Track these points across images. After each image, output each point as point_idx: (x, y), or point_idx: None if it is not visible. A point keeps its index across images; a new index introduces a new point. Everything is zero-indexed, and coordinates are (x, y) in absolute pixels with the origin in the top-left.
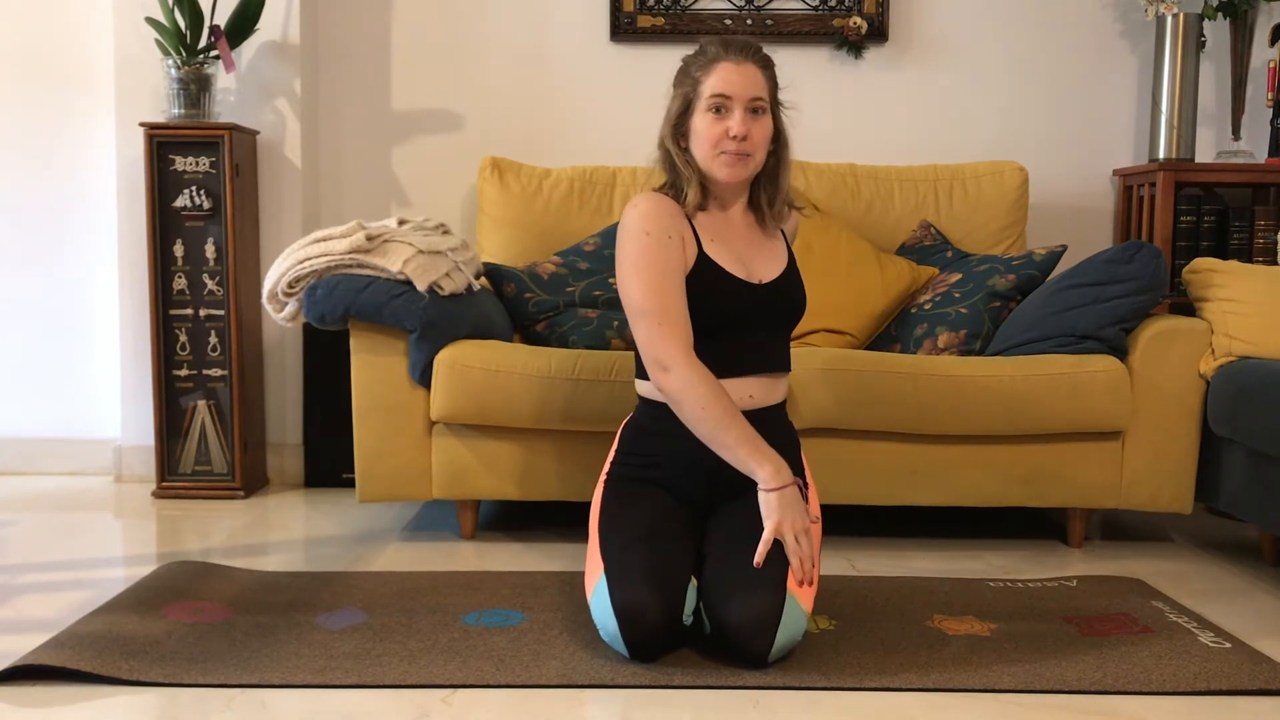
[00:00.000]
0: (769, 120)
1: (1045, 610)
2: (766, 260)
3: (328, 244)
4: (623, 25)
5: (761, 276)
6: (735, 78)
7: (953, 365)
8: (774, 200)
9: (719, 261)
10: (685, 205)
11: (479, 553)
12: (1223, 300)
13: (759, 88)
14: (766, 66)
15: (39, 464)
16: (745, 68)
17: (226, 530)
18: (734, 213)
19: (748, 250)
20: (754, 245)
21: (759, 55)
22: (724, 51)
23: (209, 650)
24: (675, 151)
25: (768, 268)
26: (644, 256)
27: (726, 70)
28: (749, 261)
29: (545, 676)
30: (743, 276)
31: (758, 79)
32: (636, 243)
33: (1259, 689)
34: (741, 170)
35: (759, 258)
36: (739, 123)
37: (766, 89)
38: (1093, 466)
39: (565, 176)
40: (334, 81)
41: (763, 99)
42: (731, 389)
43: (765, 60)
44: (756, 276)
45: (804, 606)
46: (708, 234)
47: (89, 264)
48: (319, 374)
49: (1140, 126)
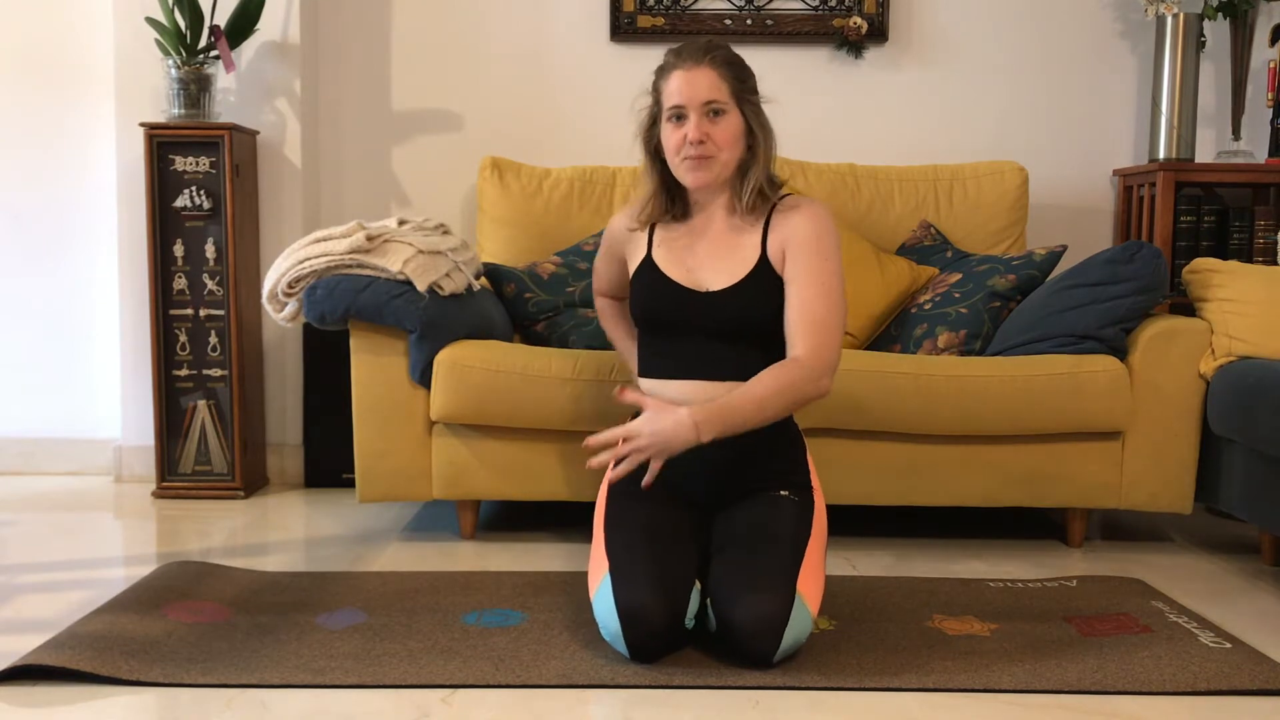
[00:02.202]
0: (732, 119)
1: (1045, 610)
2: (725, 269)
3: (328, 244)
4: (623, 25)
5: (709, 285)
6: (686, 85)
7: (953, 365)
8: (744, 194)
9: (661, 265)
10: (643, 217)
11: (479, 553)
12: (1223, 300)
13: (713, 90)
14: (725, 65)
15: (39, 464)
16: (697, 72)
17: (226, 530)
18: (715, 215)
19: (707, 258)
20: (718, 253)
21: (715, 56)
22: (677, 59)
23: (209, 650)
24: (647, 164)
25: (720, 277)
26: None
27: (678, 79)
28: (699, 269)
29: (545, 676)
30: (682, 281)
31: (711, 80)
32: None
33: (1259, 689)
34: (707, 173)
35: (715, 266)
36: (694, 128)
37: (726, 88)
38: (1093, 466)
39: (565, 176)
40: (334, 81)
41: (719, 100)
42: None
43: (724, 59)
44: (703, 285)
45: (810, 607)
46: (662, 239)
47: (89, 264)
48: (319, 374)
49: (1140, 126)
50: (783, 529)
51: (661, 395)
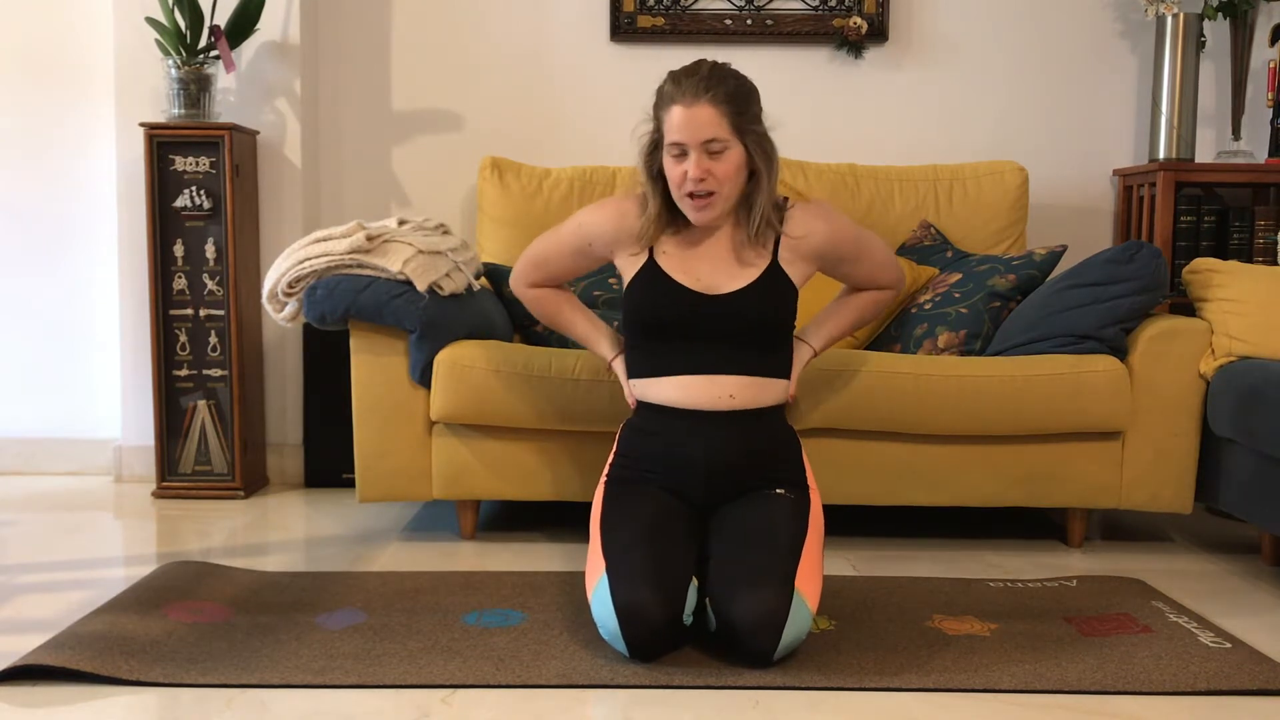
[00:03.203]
0: (733, 154)
1: (1045, 610)
2: (734, 273)
3: (328, 244)
4: (623, 25)
5: (718, 288)
6: (686, 124)
7: (953, 365)
8: (752, 225)
9: (667, 269)
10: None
11: (479, 553)
12: (1223, 300)
13: (713, 128)
14: (725, 102)
15: (39, 464)
16: (696, 110)
17: (226, 530)
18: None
19: (714, 263)
20: (725, 258)
21: (714, 91)
22: (677, 92)
23: (209, 650)
24: (649, 187)
25: (730, 281)
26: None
27: (678, 116)
28: (706, 274)
29: (545, 676)
30: (690, 285)
31: (710, 119)
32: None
33: (1259, 689)
34: (710, 212)
35: (723, 270)
36: (694, 165)
37: (726, 125)
38: (1093, 466)
39: (565, 176)
40: (334, 81)
41: (719, 139)
42: (674, 387)
43: (724, 95)
44: (712, 288)
45: (809, 604)
46: (666, 245)
47: (89, 264)
48: (319, 374)
49: (1140, 126)
50: (780, 526)
51: (657, 394)
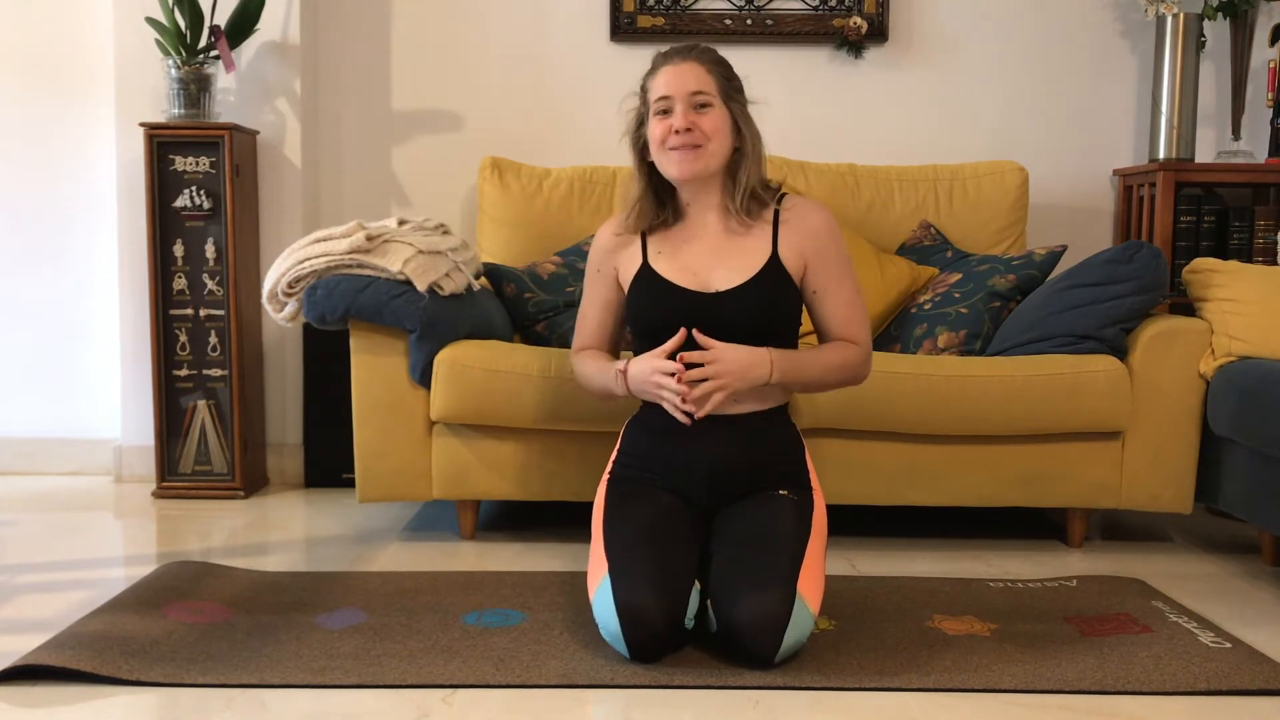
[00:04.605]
0: (719, 113)
1: (1045, 610)
2: (730, 268)
3: (328, 244)
4: (623, 25)
5: (714, 286)
6: (673, 78)
7: (953, 365)
8: (737, 196)
9: (662, 271)
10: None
11: (479, 553)
12: (1223, 300)
13: (700, 82)
14: (713, 63)
15: (39, 464)
16: (683, 66)
17: (226, 530)
18: (709, 219)
19: (710, 259)
20: (720, 253)
21: (702, 53)
22: (664, 58)
23: (209, 650)
24: (635, 166)
25: (729, 276)
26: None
27: (665, 73)
28: (702, 271)
29: (545, 676)
30: (685, 284)
31: (698, 73)
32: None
33: (1259, 689)
34: (694, 163)
35: (719, 266)
36: (680, 116)
37: (713, 83)
38: (1093, 466)
39: (565, 176)
40: (334, 81)
41: (706, 92)
42: None
43: (710, 57)
44: (708, 286)
45: (811, 607)
46: (658, 247)
47: (89, 264)
48: (319, 374)
49: (1140, 126)
50: (783, 529)
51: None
